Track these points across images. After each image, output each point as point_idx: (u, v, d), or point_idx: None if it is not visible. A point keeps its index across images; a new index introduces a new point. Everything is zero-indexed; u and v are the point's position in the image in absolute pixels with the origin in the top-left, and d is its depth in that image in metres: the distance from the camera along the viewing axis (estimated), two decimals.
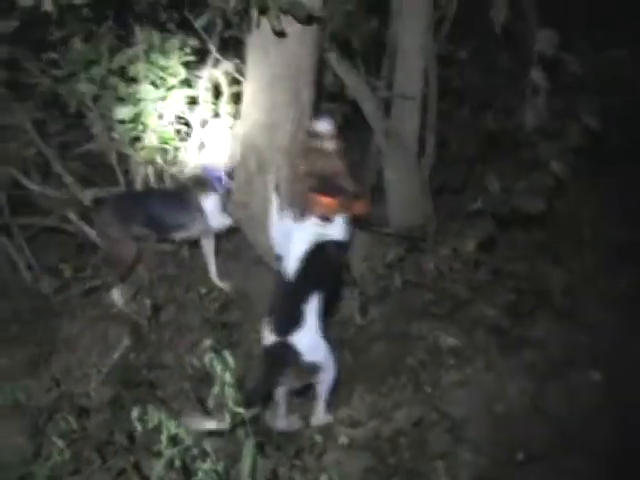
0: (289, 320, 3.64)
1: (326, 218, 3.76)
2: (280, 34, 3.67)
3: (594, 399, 3.72)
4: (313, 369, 3.69)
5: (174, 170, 4.92)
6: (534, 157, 4.09)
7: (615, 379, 3.78)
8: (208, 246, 4.70)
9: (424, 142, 4.90)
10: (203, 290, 4.46)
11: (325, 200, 3.77)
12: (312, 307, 3.66)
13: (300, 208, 3.89)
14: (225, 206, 4.48)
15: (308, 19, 3.70)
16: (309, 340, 3.65)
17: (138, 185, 5.02)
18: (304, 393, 3.87)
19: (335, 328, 4.29)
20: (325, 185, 3.80)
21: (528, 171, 4.11)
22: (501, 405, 3.71)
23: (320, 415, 3.80)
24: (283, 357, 3.63)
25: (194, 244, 4.97)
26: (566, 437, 3.53)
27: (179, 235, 4.64)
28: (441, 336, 4.07)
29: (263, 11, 3.49)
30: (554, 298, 4.03)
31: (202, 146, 4.83)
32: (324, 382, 3.76)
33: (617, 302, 4.21)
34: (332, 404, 3.84)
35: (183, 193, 4.63)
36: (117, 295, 4.61)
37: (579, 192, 4.69)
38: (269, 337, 3.64)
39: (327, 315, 3.85)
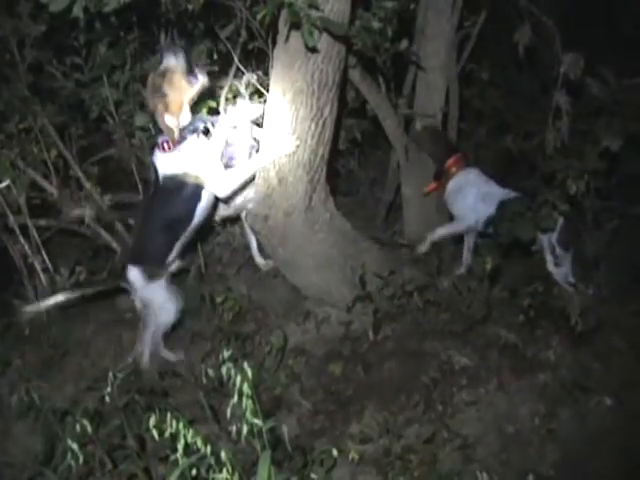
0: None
1: None
2: (313, 50, 3.69)
3: (605, 424, 3.72)
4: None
5: None
6: (551, 177, 4.10)
7: (627, 405, 3.78)
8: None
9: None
10: (218, 299, 4.46)
11: None
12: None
13: None
14: None
15: (337, 36, 3.72)
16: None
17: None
18: None
19: (347, 343, 4.32)
20: None
21: (544, 191, 4.11)
22: (512, 426, 3.70)
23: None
24: None
25: (209, 253, 5.00)
26: (576, 461, 3.53)
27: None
28: (454, 355, 4.07)
29: (297, 26, 3.50)
30: (570, 320, 4.02)
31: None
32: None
33: (631, 327, 4.22)
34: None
35: None
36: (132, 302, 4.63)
37: (595, 213, 4.69)
38: None
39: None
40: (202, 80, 4.14)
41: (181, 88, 4.07)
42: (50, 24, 4.53)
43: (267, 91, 4.25)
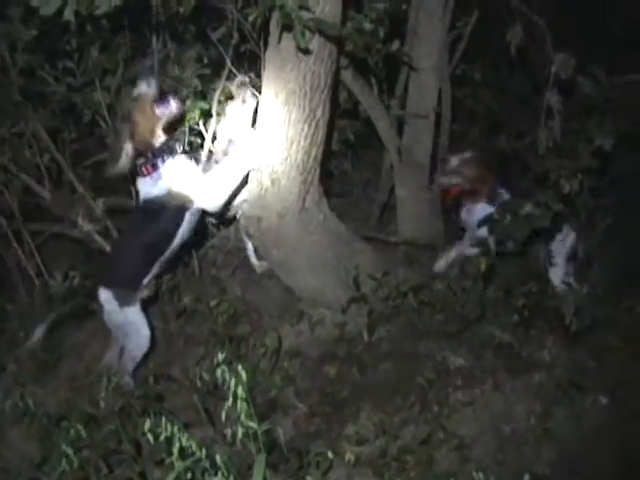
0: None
1: None
2: (305, 51, 3.69)
3: (601, 423, 3.73)
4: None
5: None
6: (544, 177, 4.10)
7: (622, 404, 3.79)
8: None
9: (436, 161, 4.92)
10: (212, 302, 4.46)
11: None
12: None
13: None
14: None
15: (329, 37, 3.73)
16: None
17: None
18: None
19: (342, 345, 4.32)
20: None
21: (538, 190, 4.12)
22: (508, 426, 3.71)
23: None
24: None
25: (203, 256, 4.99)
26: (572, 460, 3.54)
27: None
28: (449, 356, 4.08)
29: (289, 28, 3.50)
30: (564, 320, 4.02)
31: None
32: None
33: (626, 325, 4.23)
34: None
35: None
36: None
37: (588, 212, 4.71)
38: None
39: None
40: (174, 108, 4.15)
41: (151, 116, 4.08)
42: (41, 28, 4.52)
43: (259, 93, 4.25)
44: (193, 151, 4.66)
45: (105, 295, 4.13)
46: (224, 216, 4.54)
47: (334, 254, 4.36)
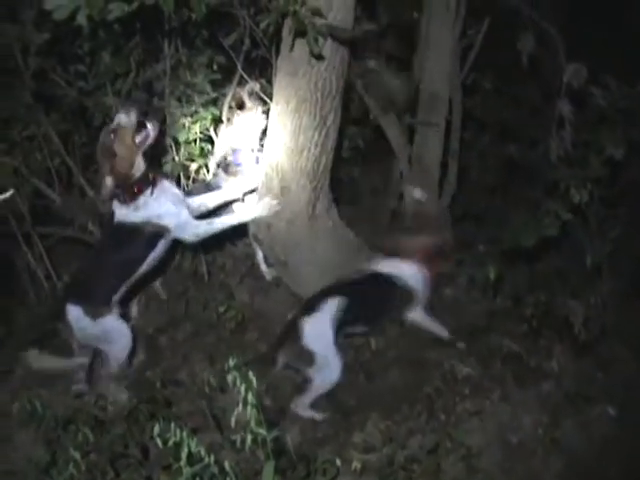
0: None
1: None
2: (318, 57, 3.69)
3: (609, 433, 3.71)
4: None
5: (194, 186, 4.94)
6: (554, 186, 4.10)
7: (630, 414, 3.77)
8: None
9: (446, 169, 4.91)
10: (220, 309, 4.46)
11: None
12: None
13: None
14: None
15: (340, 44, 3.73)
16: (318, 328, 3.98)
17: None
18: None
19: (350, 352, 4.31)
20: None
21: (548, 200, 4.12)
22: (516, 436, 3.70)
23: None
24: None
25: (212, 262, 4.98)
26: (580, 470, 3.52)
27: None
28: (457, 365, 4.07)
29: (302, 34, 3.50)
30: (573, 329, 4.01)
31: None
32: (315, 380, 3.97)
33: (635, 335, 4.21)
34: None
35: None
36: (134, 308, 4.62)
37: (598, 221, 4.69)
38: None
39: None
40: (152, 131, 4.04)
41: (131, 146, 3.98)
42: (54, 32, 4.53)
43: (270, 100, 4.26)
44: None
45: (75, 312, 4.00)
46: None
47: (343, 261, 4.36)
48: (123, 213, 4.04)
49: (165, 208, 4.04)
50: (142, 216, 4.01)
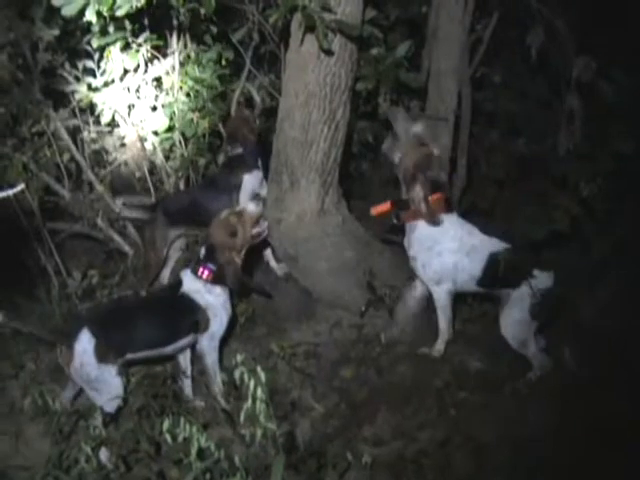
0: None
1: None
2: (327, 52, 3.70)
3: (618, 428, 3.70)
4: None
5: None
6: (563, 180, 4.09)
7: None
8: None
9: (455, 163, 4.90)
10: None
11: None
12: None
13: None
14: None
15: (349, 38, 3.74)
16: None
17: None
18: None
19: (359, 347, 4.32)
20: None
21: (557, 194, 4.11)
22: (525, 430, 3.69)
23: None
24: None
25: None
26: (590, 464, 3.51)
27: None
28: (467, 359, 4.07)
29: (311, 29, 3.51)
30: (583, 325, 4.01)
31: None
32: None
33: None
34: None
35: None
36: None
37: (607, 215, 4.67)
38: None
39: None
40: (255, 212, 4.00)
41: (250, 232, 3.95)
42: (63, 28, 4.55)
43: (279, 94, 4.26)
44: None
45: (86, 342, 3.67)
46: None
47: (352, 256, 4.37)
48: (196, 288, 3.96)
49: (221, 315, 4.00)
50: (208, 302, 3.95)
